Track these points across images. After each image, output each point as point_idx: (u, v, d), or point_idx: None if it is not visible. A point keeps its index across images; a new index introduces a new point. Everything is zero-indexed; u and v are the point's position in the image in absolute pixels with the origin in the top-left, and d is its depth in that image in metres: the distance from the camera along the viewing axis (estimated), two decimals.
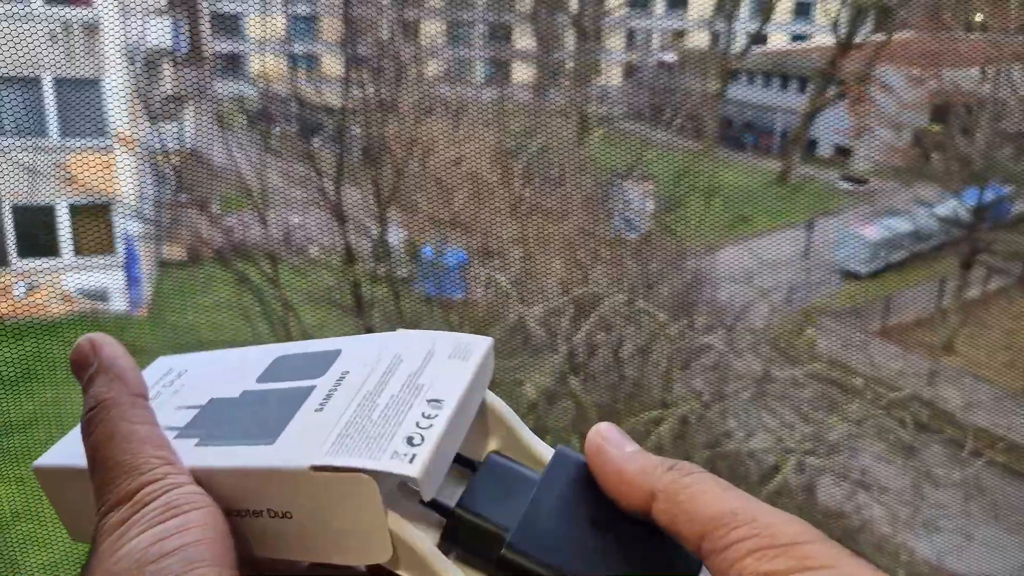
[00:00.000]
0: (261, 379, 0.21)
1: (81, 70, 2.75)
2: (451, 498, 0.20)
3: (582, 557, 0.19)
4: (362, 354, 0.20)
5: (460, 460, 0.20)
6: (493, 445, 0.21)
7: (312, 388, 0.19)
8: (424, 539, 0.18)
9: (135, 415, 0.19)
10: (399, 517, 0.18)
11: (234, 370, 0.22)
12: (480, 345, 0.20)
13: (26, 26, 2.83)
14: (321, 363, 0.20)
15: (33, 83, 2.66)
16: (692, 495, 0.18)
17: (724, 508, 0.18)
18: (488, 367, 0.20)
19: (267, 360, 0.21)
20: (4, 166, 2.62)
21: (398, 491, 0.19)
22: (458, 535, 0.20)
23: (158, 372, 0.23)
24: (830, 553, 0.16)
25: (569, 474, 0.20)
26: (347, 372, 0.20)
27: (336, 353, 0.20)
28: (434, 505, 0.19)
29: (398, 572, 0.18)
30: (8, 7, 2.83)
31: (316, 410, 0.19)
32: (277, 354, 0.22)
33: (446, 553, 0.19)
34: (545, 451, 0.21)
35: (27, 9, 2.66)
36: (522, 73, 2.86)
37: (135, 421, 0.19)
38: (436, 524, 0.20)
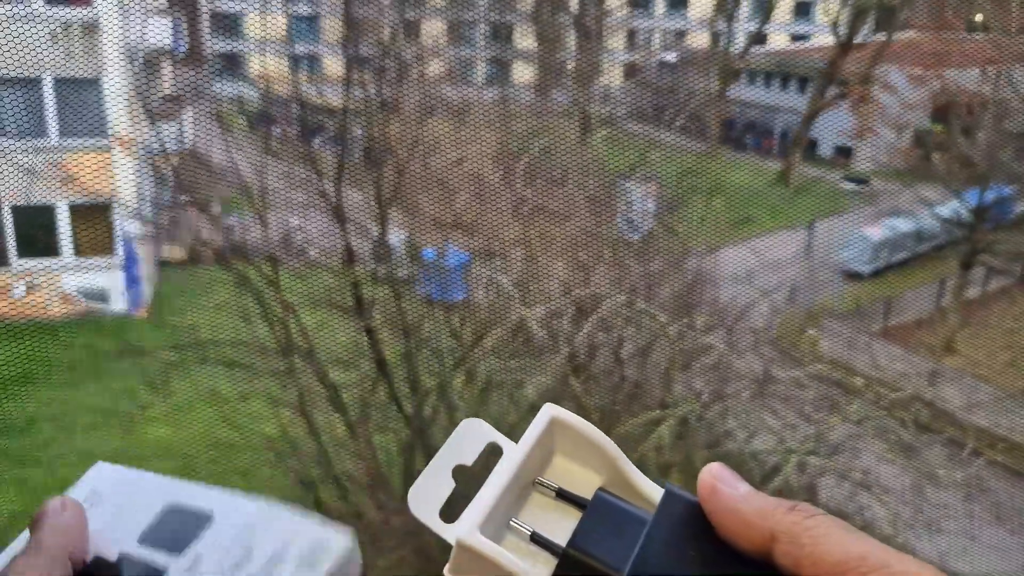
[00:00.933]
0: (140, 539, 0.24)
1: (81, 70, 2.75)
2: (562, 537, 0.20)
3: None
4: (221, 540, 0.23)
5: (568, 498, 0.21)
6: (599, 482, 0.22)
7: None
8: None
9: None
10: (513, 559, 0.19)
11: (128, 516, 0.25)
12: (334, 549, 0.21)
13: (27, 26, 2.82)
14: (190, 531, 0.24)
15: (33, 83, 2.65)
16: (816, 538, 0.18)
17: (852, 552, 0.18)
18: (352, 562, 0.22)
19: (157, 508, 0.25)
20: (4, 167, 2.62)
21: (512, 536, 0.20)
22: (570, 573, 0.20)
23: (85, 488, 0.26)
24: None
25: (680, 513, 0.20)
26: (200, 557, 0.22)
27: (207, 520, 0.23)
28: (545, 544, 0.20)
29: None
30: (9, 8, 2.82)
31: None
32: (169, 501, 0.25)
33: None
34: (652, 489, 0.21)
35: (28, 9, 2.66)
36: (524, 73, 2.86)
37: None
38: (545, 563, 0.20)
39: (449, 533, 0.20)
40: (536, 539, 0.20)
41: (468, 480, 0.22)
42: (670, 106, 2.76)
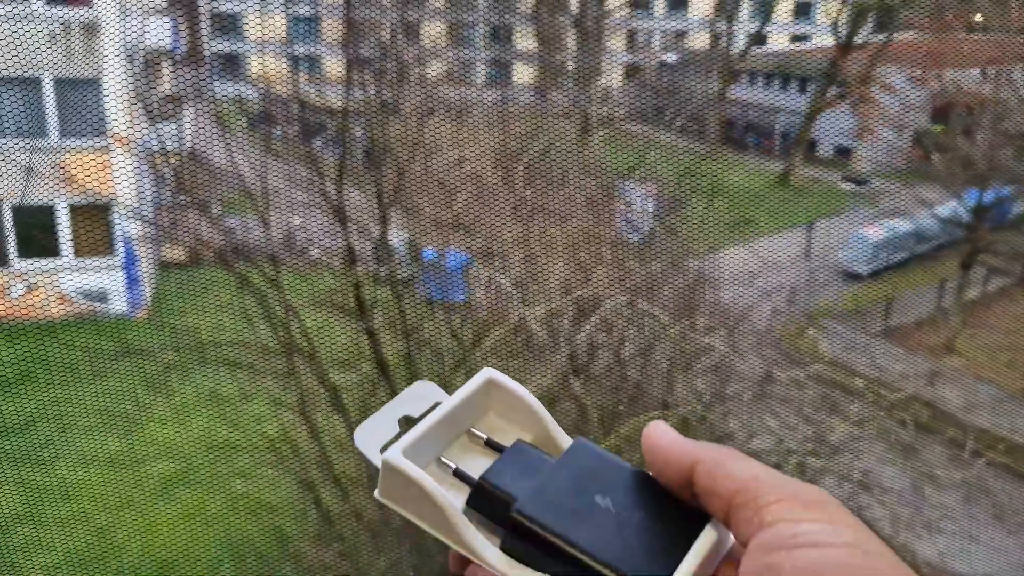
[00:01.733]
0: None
1: (81, 70, 2.74)
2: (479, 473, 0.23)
3: (586, 521, 0.22)
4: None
5: (495, 446, 0.24)
6: (525, 436, 0.25)
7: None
8: (449, 500, 0.22)
9: None
10: (431, 481, 0.22)
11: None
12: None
13: (26, 26, 2.82)
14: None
15: (33, 83, 2.65)
16: (732, 460, 0.21)
17: (759, 473, 0.21)
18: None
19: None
20: (3, 167, 2.61)
21: (438, 469, 0.23)
22: (479, 501, 0.23)
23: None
24: (849, 519, 0.19)
25: (583, 459, 0.23)
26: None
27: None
28: (462, 476, 0.23)
29: (430, 530, 0.22)
30: (9, 8, 2.82)
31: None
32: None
33: (471, 518, 0.22)
34: (568, 442, 0.24)
35: (27, 10, 2.65)
36: (524, 74, 2.86)
37: None
38: (463, 494, 0.23)
39: (379, 459, 0.23)
40: (458, 474, 0.23)
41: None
42: (670, 107, 2.76)
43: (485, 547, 0.22)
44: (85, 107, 2.70)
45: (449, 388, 0.27)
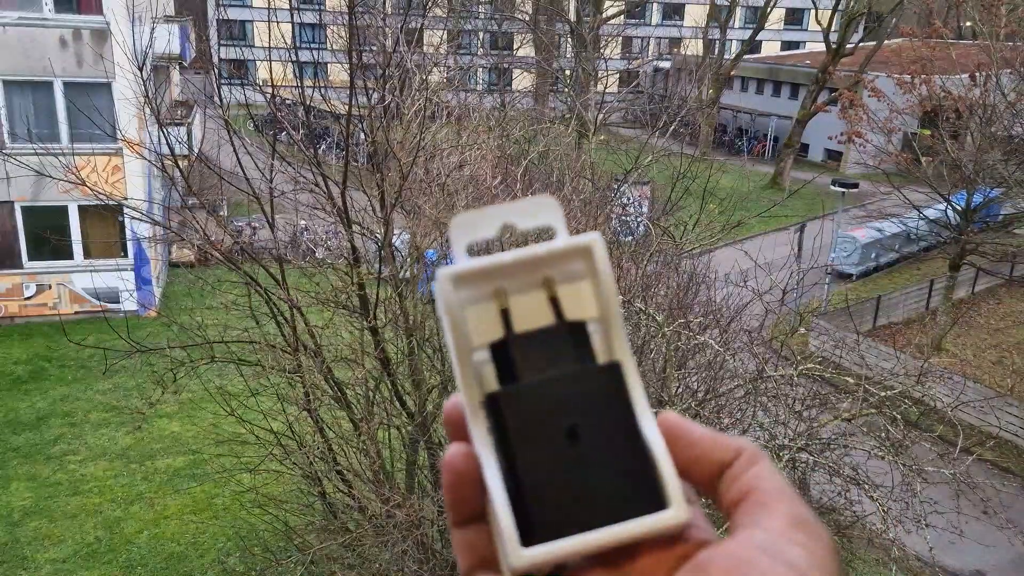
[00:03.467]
0: None
1: (91, 75, 2.80)
2: (526, 324, 0.22)
3: (545, 446, 0.21)
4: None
5: (556, 308, 0.23)
6: (595, 313, 0.23)
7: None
8: (466, 343, 0.21)
9: None
10: (456, 317, 0.21)
11: None
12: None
13: (39, 32, 2.89)
14: None
15: (45, 88, 2.70)
16: (769, 464, 0.22)
17: (790, 488, 0.21)
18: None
19: None
20: (16, 170, 2.67)
21: (492, 303, 0.22)
22: (497, 358, 0.22)
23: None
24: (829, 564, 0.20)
25: (603, 383, 0.22)
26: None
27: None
28: (507, 321, 0.22)
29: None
30: (21, 14, 2.89)
31: None
32: None
33: (485, 367, 0.22)
34: (620, 354, 0.23)
35: (40, 16, 2.72)
36: (522, 81, 2.92)
37: None
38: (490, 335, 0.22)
39: (461, 260, 0.22)
40: (505, 317, 0.22)
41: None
42: (664, 112, 2.81)
43: (475, 409, 0.22)
44: (96, 111, 2.76)
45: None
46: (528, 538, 0.20)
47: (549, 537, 0.20)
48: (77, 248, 3.43)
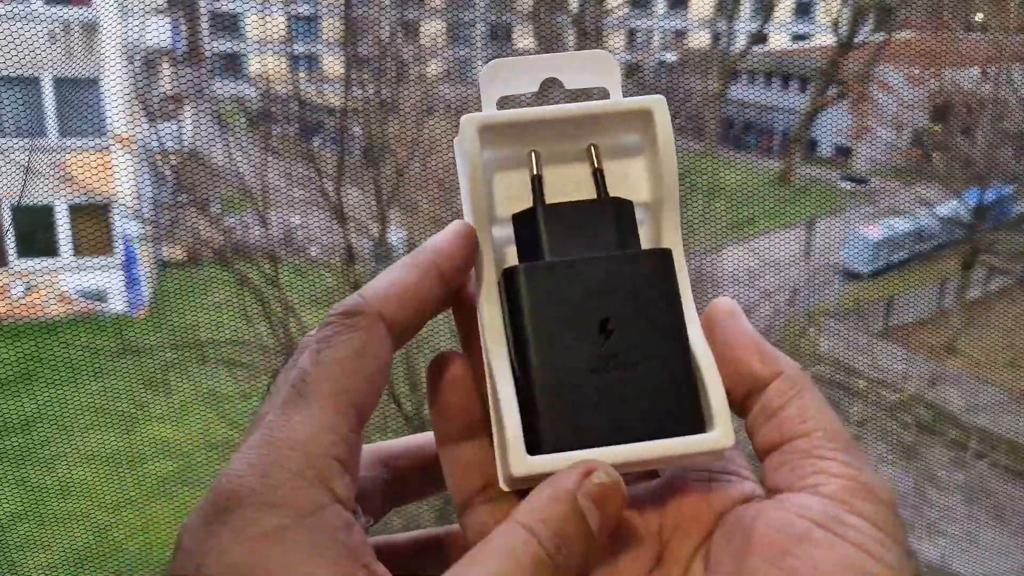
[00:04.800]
0: None
1: (80, 70, 2.75)
2: (563, 195, 0.20)
3: (564, 333, 0.18)
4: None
5: (598, 180, 0.20)
6: (645, 196, 0.20)
7: None
8: (481, 203, 0.19)
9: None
10: (474, 172, 0.19)
11: None
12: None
13: (26, 26, 2.82)
14: None
15: (32, 83, 2.65)
16: (818, 400, 0.18)
17: (844, 434, 0.17)
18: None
19: None
20: (3, 166, 2.62)
21: (516, 161, 0.20)
22: (518, 226, 0.20)
23: None
24: (906, 544, 0.17)
25: (648, 269, 0.19)
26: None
27: None
28: (535, 188, 0.20)
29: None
30: (8, 7, 2.83)
31: None
32: None
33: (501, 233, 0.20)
34: (669, 243, 0.20)
35: (27, 9, 2.66)
36: None
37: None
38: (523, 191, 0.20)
39: (494, 111, 0.19)
40: (535, 182, 0.20)
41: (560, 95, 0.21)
42: (669, 106, 2.76)
43: (489, 288, 0.19)
44: (85, 106, 2.71)
45: None
46: (536, 447, 0.18)
47: (560, 447, 0.18)
48: (66, 246, 3.41)
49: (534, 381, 0.18)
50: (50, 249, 3.00)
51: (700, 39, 2.97)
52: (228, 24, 2.45)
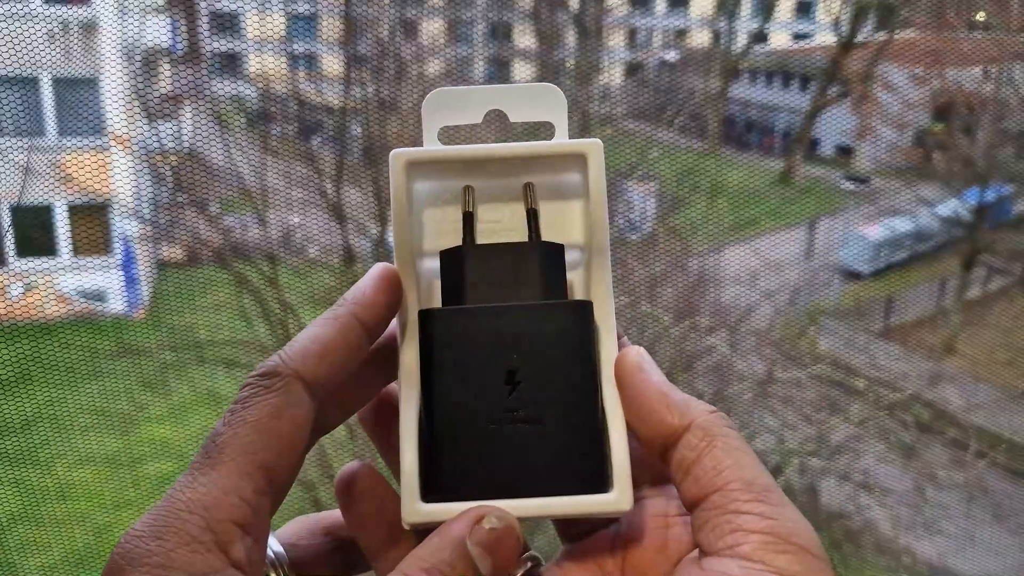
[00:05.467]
0: None
1: (79, 69, 2.74)
2: (492, 235, 0.20)
3: (472, 381, 0.18)
4: None
5: (531, 222, 0.19)
6: (579, 238, 0.20)
7: None
8: (406, 240, 0.18)
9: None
10: (400, 209, 0.18)
11: None
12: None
13: (24, 25, 2.81)
14: None
15: (31, 83, 2.64)
16: (731, 447, 0.18)
17: (760, 480, 0.17)
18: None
19: None
20: (1, 166, 2.61)
21: (448, 203, 0.19)
22: (443, 267, 0.19)
23: None
24: None
25: (566, 319, 0.19)
26: None
27: None
28: (467, 225, 0.19)
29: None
30: (7, 7, 2.81)
31: None
32: None
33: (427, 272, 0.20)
34: (596, 298, 0.19)
35: (26, 8, 2.64)
36: (523, 72, 2.86)
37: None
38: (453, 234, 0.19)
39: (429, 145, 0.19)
40: (466, 219, 0.19)
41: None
42: (670, 105, 2.76)
43: (408, 325, 0.18)
44: (83, 106, 2.70)
45: None
46: (435, 492, 0.18)
47: (458, 495, 0.18)
48: (65, 246, 3.40)
49: (435, 428, 0.18)
50: (49, 249, 2.99)
51: (701, 38, 2.96)
52: (227, 23, 2.44)
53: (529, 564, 0.19)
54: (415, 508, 0.18)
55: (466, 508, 0.17)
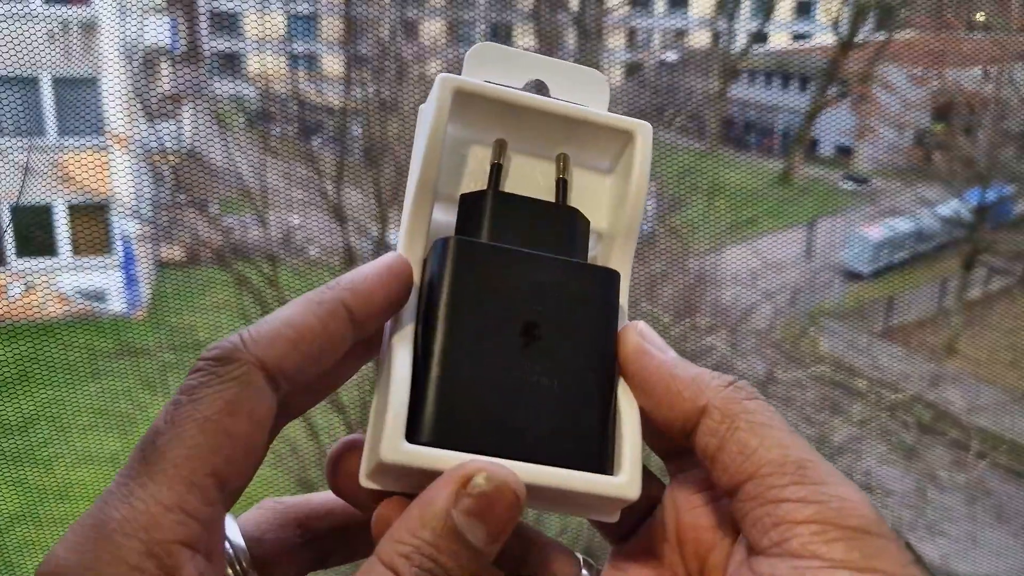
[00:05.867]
0: None
1: (79, 69, 2.73)
2: (518, 187, 0.18)
3: (486, 335, 0.16)
4: None
5: (561, 187, 0.19)
6: (600, 223, 0.19)
7: None
8: (431, 168, 0.17)
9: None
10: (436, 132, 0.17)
11: None
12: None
13: (25, 25, 2.81)
14: None
15: (31, 83, 2.64)
16: (754, 425, 0.15)
17: (790, 455, 0.15)
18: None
19: None
20: (1, 166, 2.61)
21: (480, 151, 0.18)
22: (461, 212, 0.18)
23: None
24: (902, 560, 0.14)
25: (592, 281, 0.18)
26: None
27: None
28: (494, 175, 0.18)
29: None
30: (7, 6, 2.81)
31: None
32: None
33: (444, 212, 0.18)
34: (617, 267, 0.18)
35: (26, 8, 2.64)
36: None
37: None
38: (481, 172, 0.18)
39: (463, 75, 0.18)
40: (494, 169, 0.18)
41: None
42: (670, 105, 2.76)
43: (415, 262, 0.17)
44: (83, 106, 2.70)
45: None
46: (415, 435, 0.16)
47: (443, 442, 0.16)
48: (65, 246, 3.40)
49: (434, 364, 0.16)
50: (48, 249, 2.99)
51: (700, 38, 2.96)
52: (227, 23, 2.45)
53: (586, 573, 0.17)
54: (397, 446, 0.16)
55: (453, 460, 0.15)
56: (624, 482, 0.16)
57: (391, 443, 0.16)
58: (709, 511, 0.17)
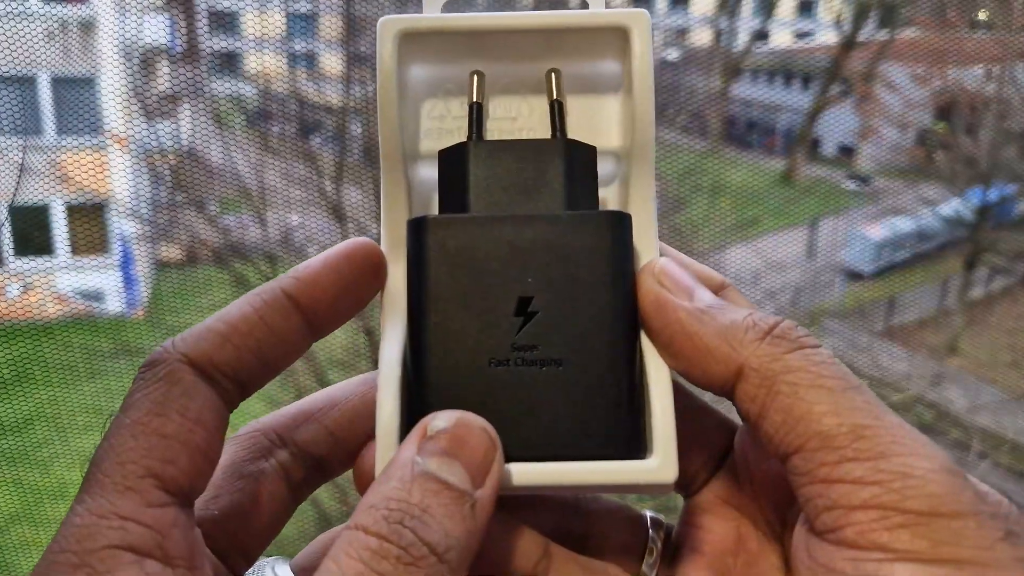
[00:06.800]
0: None
1: (77, 68, 2.72)
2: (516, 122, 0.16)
3: (478, 300, 0.14)
4: None
5: (556, 116, 0.16)
6: (615, 143, 0.17)
7: None
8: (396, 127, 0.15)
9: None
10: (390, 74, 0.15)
11: None
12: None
13: (23, 24, 2.79)
14: None
15: (29, 82, 2.63)
16: (798, 387, 0.13)
17: (843, 423, 0.12)
18: None
19: None
20: (1, 166, 2.60)
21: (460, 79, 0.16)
22: (442, 163, 0.16)
23: None
24: (983, 540, 0.11)
25: (599, 233, 0.15)
26: None
27: None
28: (473, 117, 0.15)
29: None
30: (5, 5, 2.79)
31: None
32: None
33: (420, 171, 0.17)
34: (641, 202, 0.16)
35: (24, 7, 2.63)
36: None
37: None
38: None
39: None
40: (472, 109, 0.15)
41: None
42: (671, 104, 2.75)
43: (394, 243, 0.15)
44: (81, 105, 2.69)
45: None
46: None
47: None
48: (63, 246, 3.39)
49: (423, 368, 0.14)
50: (47, 249, 2.98)
51: (702, 36, 2.95)
52: (226, 22, 2.44)
53: (662, 533, 0.16)
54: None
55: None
56: (655, 466, 0.14)
57: (385, 457, 0.14)
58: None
